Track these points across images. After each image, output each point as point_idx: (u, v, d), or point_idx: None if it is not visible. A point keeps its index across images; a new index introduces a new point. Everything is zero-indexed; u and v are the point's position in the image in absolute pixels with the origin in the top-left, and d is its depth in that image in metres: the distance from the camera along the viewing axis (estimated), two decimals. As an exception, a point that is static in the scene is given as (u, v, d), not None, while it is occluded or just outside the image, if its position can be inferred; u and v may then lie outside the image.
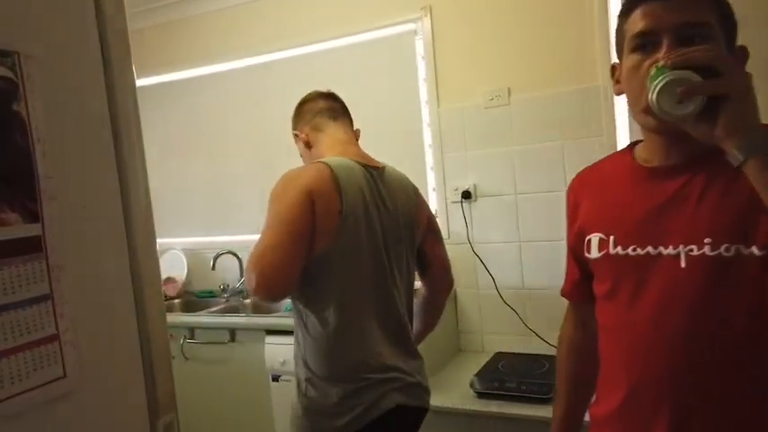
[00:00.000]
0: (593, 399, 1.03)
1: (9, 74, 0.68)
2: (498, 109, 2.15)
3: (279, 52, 2.55)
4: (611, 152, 1.09)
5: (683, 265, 0.84)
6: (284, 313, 2.32)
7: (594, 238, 0.96)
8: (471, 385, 1.81)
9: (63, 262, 0.72)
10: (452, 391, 1.83)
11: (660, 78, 0.74)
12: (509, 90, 2.14)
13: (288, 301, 1.93)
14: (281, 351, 2.09)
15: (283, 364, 2.08)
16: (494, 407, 1.73)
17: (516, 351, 2.08)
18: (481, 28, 2.18)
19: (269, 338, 2.15)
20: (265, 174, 1.70)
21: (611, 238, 0.93)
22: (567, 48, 2.02)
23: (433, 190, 2.29)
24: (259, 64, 2.62)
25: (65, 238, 0.72)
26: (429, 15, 2.23)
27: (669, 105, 0.74)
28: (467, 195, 2.20)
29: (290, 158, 1.57)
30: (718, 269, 0.82)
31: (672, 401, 0.85)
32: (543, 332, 2.04)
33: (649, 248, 0.88)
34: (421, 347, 1.50)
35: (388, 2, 2.31)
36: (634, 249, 0.90)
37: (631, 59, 0.87)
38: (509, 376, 1.82)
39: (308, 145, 1.48)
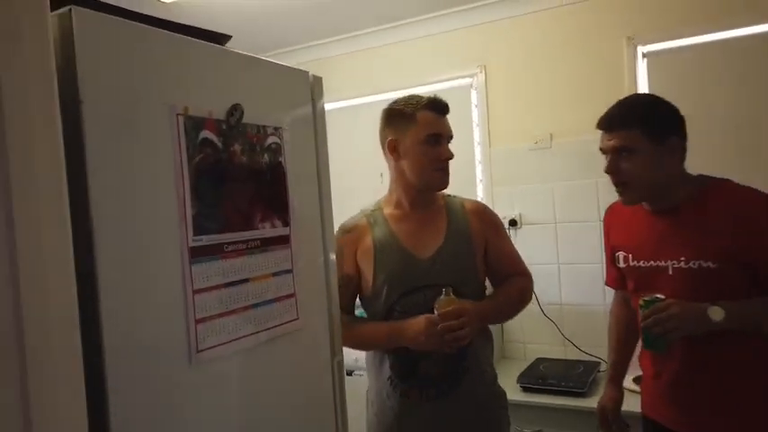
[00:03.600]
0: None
1: (278, 140, 1.26)
2: (541, 151, 2.72)
3: (364, 97, 3.14)
4: None
5: (670, 273, 1.42)
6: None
7: (620, 254, 1.56)
8: (518, 381, 2.32)
9: (297, 250, 1.28)
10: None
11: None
12: (551, 135, 2.71)
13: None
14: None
15: (356, 360, 2.61)
16: (536, 398, 2.24)
17: (554, 357, 2.58)
18: (527, 82, 2.76)
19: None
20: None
21: (630, 255, 1.52)
22: (599, 100, 2.56)
23: (484, 218, 2.85)
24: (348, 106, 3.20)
25: (299, 237, 1.29)
26: (484, 72, 2.83)
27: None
28: (513, 223, 2.74)
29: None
30: (690, 276, 1.39)
31: (674, 360, 1.43)
32: (578, 341, 2.55)
33: (651, 262, 1.47)
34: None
35: (451, 60, 2.92)
36: (644, 263, 1.49)
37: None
38: (549, 375, 2.33)
39: None
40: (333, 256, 1.41)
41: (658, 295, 1.39)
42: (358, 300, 1.69)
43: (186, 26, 1.16)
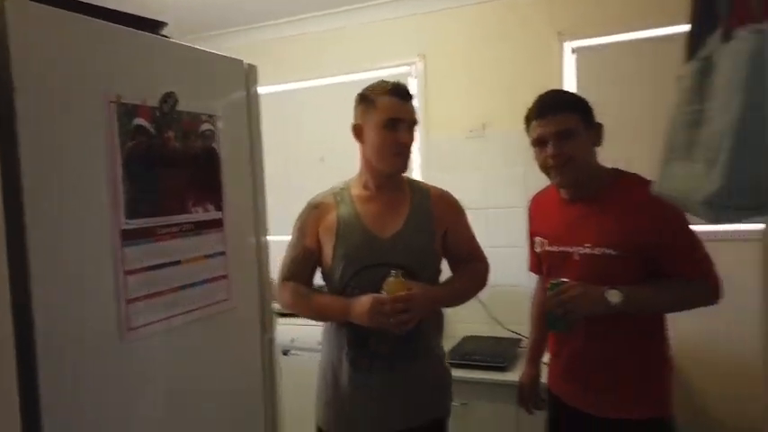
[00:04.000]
0: None
1: (212, 127, 1.32)
2: (476, 139, 2.85)
3: (302, 82, 3.19)
4: None
5: (576, 258, 1.53)
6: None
7: (537, 239, 1.68)
8: (447, 358, 2.46)
9: (230, 234, 1.35)
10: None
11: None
12: (484, 125, 2.84)
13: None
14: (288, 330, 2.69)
15: (292, 341, 2.70)
16: (462, 373, 2.39)
17: (481, 335, 2.75)
18: (464, 73, 2.88)
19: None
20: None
21: (546, 241, 1.65)
22: (531, 92, 2.70)
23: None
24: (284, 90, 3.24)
25: (232, 221, 1.35)
26: (423, 61, 2.93)
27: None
28: (447, 208, 2.87)
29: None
30: (593, 261, 1.50)
31: (573, 340, 1.56)
32: (503, 319, 2.72)
33: (562, 248, 1.59)
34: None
35: (391, 48, 3.00)
36: (556, 248, 1.61)
37: (535, 152, 1.58)
38: (475, 351, 2.48)
39: None
40: (266, 239, 1.48)
41: (563, 279, 1.47)
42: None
43: (122, 13, 1.19)
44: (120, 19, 1.17)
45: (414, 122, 1.65)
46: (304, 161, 3.21)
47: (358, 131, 1.66)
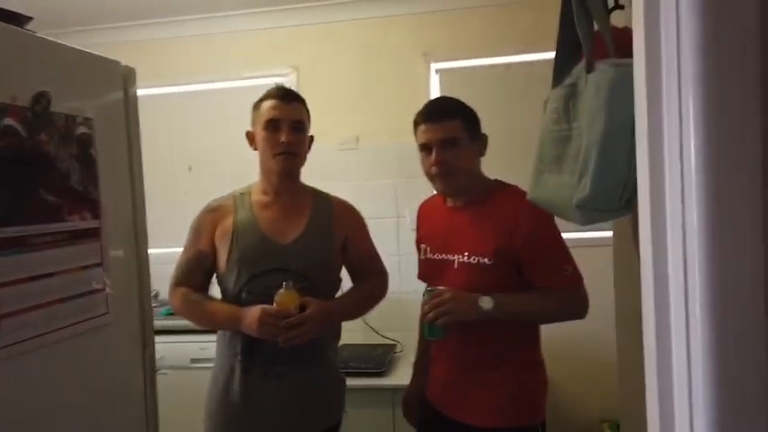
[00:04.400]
0: None
1: (88, 131, 1.25)
2: (349, 151, 2.93)
3: (174, 87, 3.06)
4: (429, 190, 1.83)
5: (455, 266, 1.56)
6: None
7: (422, 246, 1.71)
8: (323, 366, 2.50)
9: (108, 244, 1.28)
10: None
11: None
12: (357, 137, 2.94)
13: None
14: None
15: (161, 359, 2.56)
16: (340, 380, 2.44)
17: (356, 342, 2.82)
18: (337, 87, 2.96)
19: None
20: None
21: (429, 248, 1.67)
22: (400, 108, 2.86)
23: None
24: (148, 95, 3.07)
25: (110, 230, 1.28)
26: (296, 72, 2.96)
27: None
28: (321, 219, 2.91)
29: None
30: (470, 270, 1.53)
31: (446, 346, 1.59)
32: (377, 326, 2.82)
33: (443, 255, 1.60)
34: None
35: (265, 58, 3.00)
36: (438, 255, 1.62)
37: (421, 156, 1.58)
38: (351, 359, 2.55)
39: None
40: (147, 250, 1.42)
41: (438, 287, 1.47)
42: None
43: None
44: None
45: (297, 123, 1.64)
46: (171, 170, 3.08)
47: (251, 138, 1.67)
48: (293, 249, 1.59)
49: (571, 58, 0.91)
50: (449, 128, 1.50)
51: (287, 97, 1.66)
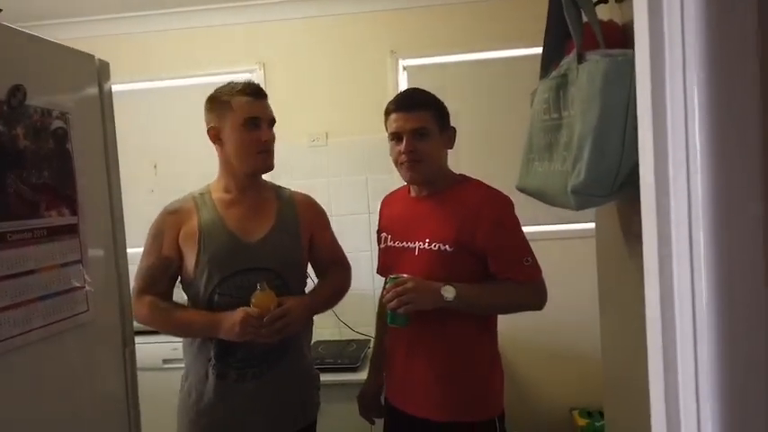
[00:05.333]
0: None
1: (64, 125, 1.21)
2: (319, 148, 2.93)
3: (137, 83, 2.98)
4: (400, 185, 1.87)
5: (416, 253, 1.57)
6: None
7: (383, 235, 1.72)
8: (298, 363, 2.49)
9: (87, 240, 1.25)
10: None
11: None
12: (327, 134, 2.93)
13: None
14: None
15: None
16: (316, 377, 2.44)
17: (331, 339, 2.82)
18: (305, 83, 2.95)
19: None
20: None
21: (390, 236, 1.68)
22: (368, 104, 2.87)
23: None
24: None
25: (88, 226, 1.25)
26: (263, 69, 2.94)
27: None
28: (292, 216, 2.90)
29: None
30: (430, 257, 1.51)
31: (404, 339, 1.58)
32: (351, 322, 2.82)
33: (404, 243, 1.61)
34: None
35: (231, 54, 2.96)
36: (398, 243, 1.63)
37: (390, 145, 1.60)
38: (327, 355, 2.55)
39: None
40: (125, 247, 1.39)
41: (402, 275, 1.47)
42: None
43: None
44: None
45: (272, 120, 1.65)
46: (135, 168, 3.00)
47: (215, 134, 1.62)
48: (263, 247, 1.57)
49: (557, 51, 0.94)
50: (420, 118, 1.53)
51: (261, 94, 1.64)
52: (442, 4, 2.88)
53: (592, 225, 1.41)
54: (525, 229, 1.55)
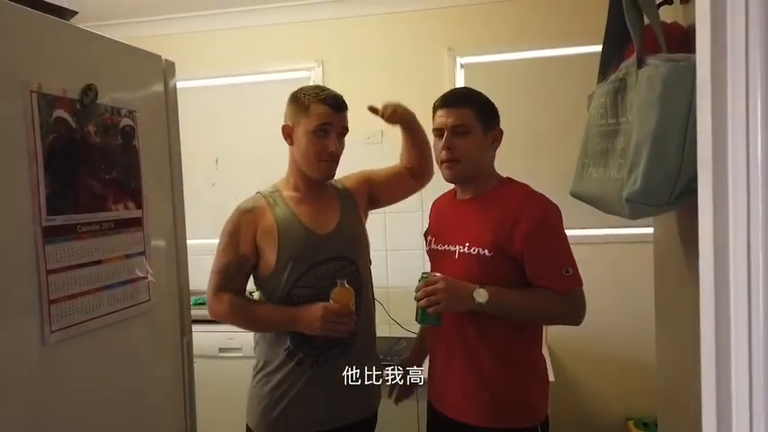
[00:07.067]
0: None
1: (131, 123, 1.27)
2: (374, 145, 2.95)
3: (202, 80, 3.09)
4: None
5: (456, 257, 1.54)
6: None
7: (429, 237, 1.72)
8: (348, 358, 2.53)
9: (150, 233, 1.31)
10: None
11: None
12: (382, 132, 2.95)
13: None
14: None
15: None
16: (365, 373, 2.47)
17: (381, 335, 2.84)
18: (361, 80, 2.97)
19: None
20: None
21: (434, 239, 1.68)
22: (424, 102, 2.86)
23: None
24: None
25: (152, 220, 1.32)
26: (321, 67, 2.98)
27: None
28: (346, 212, 2.94)
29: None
30: (469, 261, 1.47)
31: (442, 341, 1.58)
32: (401, 320, 2.84)
33: (446, 246, 1.59)
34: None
35: (291, 52, 3.02)
36: (441, 246, 1.62)
37: (434, 141, 1.59)
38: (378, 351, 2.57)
39: None
40: (185, 240, 1.45)
41: (434, 273, 1.45)
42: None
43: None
44: (30, 5, 1.11)
45: (344, 131, 1.70)
46: (198, 163, 3.12)
47: (288, 132, 1.67)
48: (336, 238, 1.62)
49: (616, 54, 0.92)
50: (462, 115, 1.51)
51: (341, 107, 1.70)
52: (502, 1, 2.84)
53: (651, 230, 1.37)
54: (581, 232, 1.50)
